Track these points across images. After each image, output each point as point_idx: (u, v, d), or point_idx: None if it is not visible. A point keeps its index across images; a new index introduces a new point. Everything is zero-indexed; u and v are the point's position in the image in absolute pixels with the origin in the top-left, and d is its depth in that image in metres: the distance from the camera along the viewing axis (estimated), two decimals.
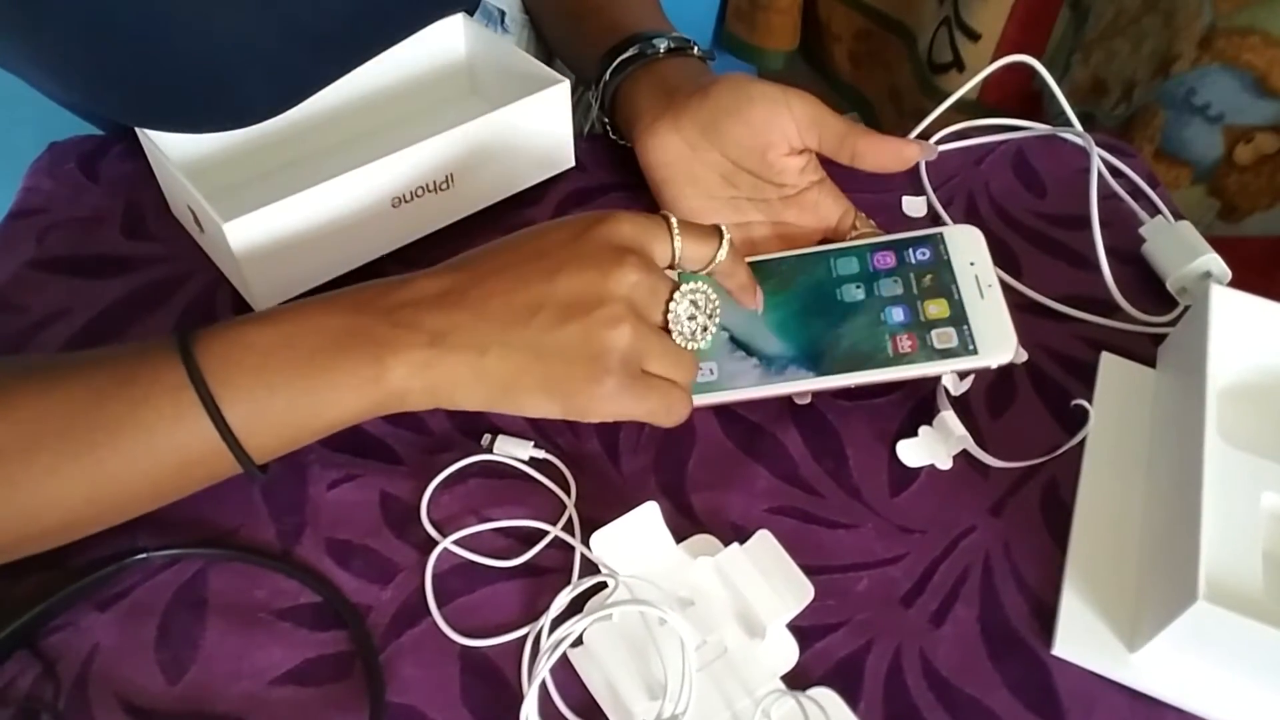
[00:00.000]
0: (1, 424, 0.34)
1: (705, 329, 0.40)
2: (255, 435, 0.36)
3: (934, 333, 0.44)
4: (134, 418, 0.34)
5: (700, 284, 0.40)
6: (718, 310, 0.41)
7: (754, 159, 0.50)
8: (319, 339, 0.36)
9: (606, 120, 0.57)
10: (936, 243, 0.47)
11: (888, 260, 0.47)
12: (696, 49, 0.56)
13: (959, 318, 0.44)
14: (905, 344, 0.44)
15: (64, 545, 0.37)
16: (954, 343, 0.43)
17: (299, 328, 0.36)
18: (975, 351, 0.43)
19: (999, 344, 0.43)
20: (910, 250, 0.47)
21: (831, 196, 0.52)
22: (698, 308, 0.40)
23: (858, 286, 0.46)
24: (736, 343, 0.45)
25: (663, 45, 0.54)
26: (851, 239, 0.50)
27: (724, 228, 0.41)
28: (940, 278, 0.46)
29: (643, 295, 0.38)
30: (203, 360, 0.35)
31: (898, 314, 0.45)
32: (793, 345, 0.45)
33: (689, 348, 0.40)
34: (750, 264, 0.48)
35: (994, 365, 0.43)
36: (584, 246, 0.37)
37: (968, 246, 0.47)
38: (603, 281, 0.37)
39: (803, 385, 0.43)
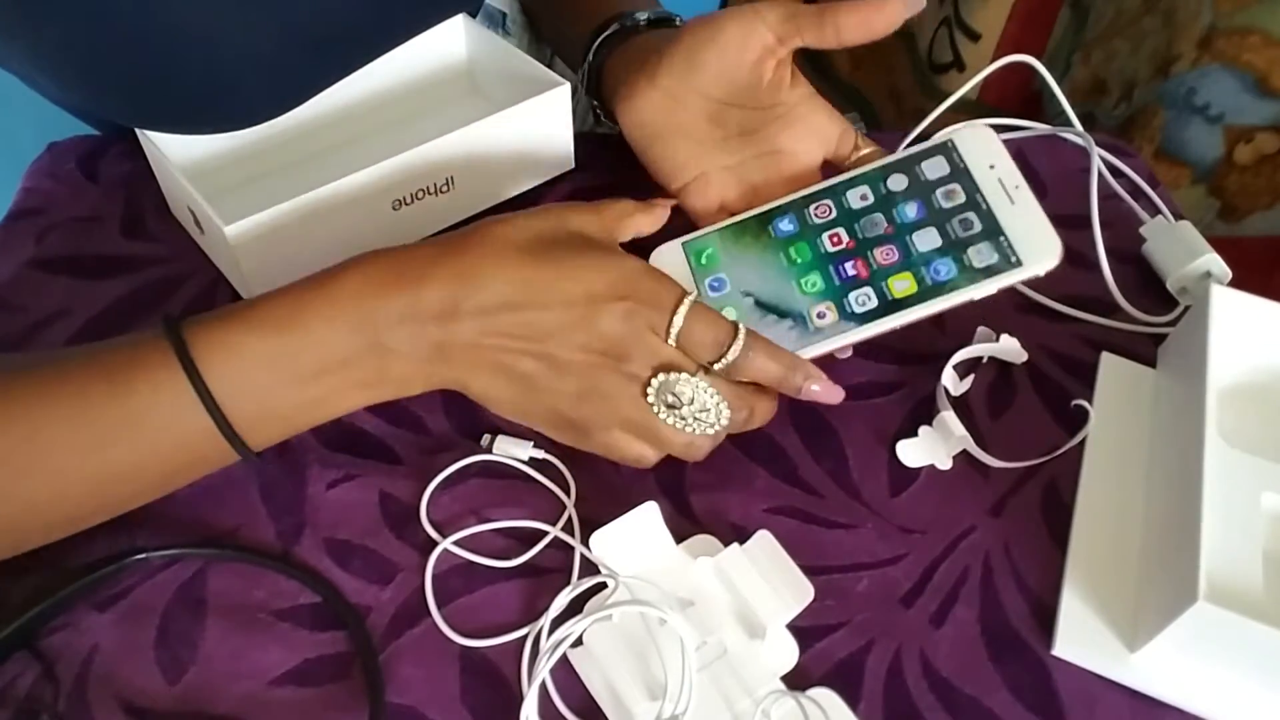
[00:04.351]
0: (2, 416, 0.34)
1: (701, 421, 0.37)
2: (253, 432, 0.37)
3: (970, 251, 0.40)
4: (138, 417, 0.35)
5: (685, 376, 0.37)
6: (711, 405, 0.37)
7: (738, 84, 0.46)
8: (320, 352, 0.36)
9: (596, 105, 0.55)
10: (948, 151, 0.43)
11: (901, 181, 0.43)
12: (679, 20, 0.53)
13: (992, 229, 0.40)
14: (943, 270, 0.40)
15: (64, 546, 0.37)
16: (994, 257, 0.40)
17: (300, 341, 0.36)
18: (1019, 263, 0.40)
19: (1042, 249, 0.39)
20: (922, 165, 0.43)
21: (825, 112, 0.48)
22: (680, 399, 0.37)
23: (875, 218, 0.42)
24: (764, 307, 0.42)
25: (643, 18, 0.52)
26: (854, 162, 0.47)
27: (741, 327, 0.38)
28: (962, 188, 0.42)
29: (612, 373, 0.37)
30: (200, 362, 0.35)
31: (926, 239, 0.41)
32: (822, 297, 0.41)
33: (693, 431, 0.38)
34: (757, 214, 0.45)
35: (1042, 273, 0.40)
36: (582, 326, 0.37)
37: (983, 148, 0.42)
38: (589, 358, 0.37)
39: (846, 339, 0.40)
